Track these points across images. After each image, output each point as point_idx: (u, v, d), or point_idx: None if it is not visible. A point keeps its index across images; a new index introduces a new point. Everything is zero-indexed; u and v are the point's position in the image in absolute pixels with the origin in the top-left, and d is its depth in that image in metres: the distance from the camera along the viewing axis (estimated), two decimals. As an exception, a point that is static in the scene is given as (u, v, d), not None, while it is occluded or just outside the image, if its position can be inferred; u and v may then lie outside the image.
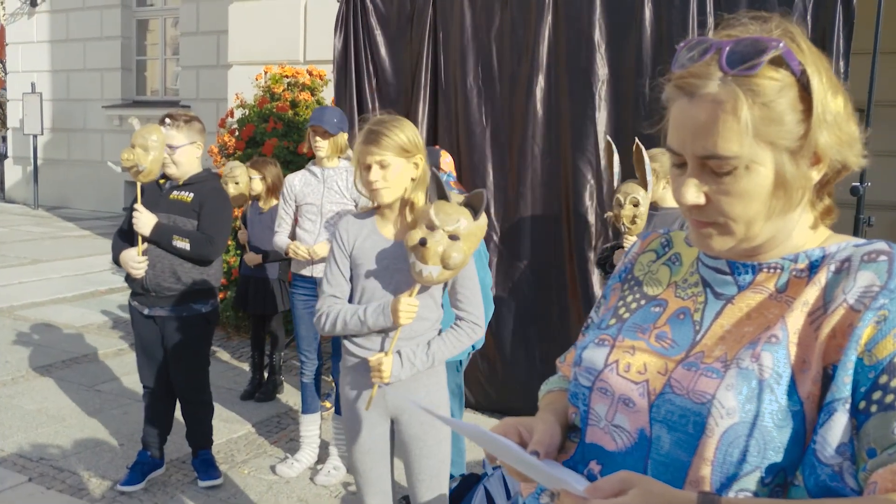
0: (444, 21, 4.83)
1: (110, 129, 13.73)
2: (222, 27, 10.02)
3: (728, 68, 0.97)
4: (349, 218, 2.58)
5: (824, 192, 1.07)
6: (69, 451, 4.14)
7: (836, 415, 0.94)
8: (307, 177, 4.05)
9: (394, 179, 2.42)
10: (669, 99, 1.07)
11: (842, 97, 1.02)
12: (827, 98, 0.99)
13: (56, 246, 10.26)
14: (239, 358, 5.94)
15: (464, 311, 2.50)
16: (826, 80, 0.99)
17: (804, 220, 1.07)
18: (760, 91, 0.97)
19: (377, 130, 2.42)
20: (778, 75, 0.97)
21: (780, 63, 0.97)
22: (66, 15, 14.05)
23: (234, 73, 7.34)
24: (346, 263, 2.51)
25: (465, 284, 2.48)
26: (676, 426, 1.02)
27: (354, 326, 2.43)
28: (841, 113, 1.01)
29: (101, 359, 5.82)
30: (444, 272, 2.28)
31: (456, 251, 2.24)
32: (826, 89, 0.99)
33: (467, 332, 2.50)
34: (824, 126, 0.98)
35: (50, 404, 4.83)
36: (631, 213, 3.37)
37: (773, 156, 0.99)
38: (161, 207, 3.60)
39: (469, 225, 2.28)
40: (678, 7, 4.20)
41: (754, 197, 1.00)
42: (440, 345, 2.48)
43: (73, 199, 14.25)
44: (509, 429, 1.18)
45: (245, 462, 4.13)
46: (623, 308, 1.21)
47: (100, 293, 7.89)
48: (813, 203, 1.07)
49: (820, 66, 1.00)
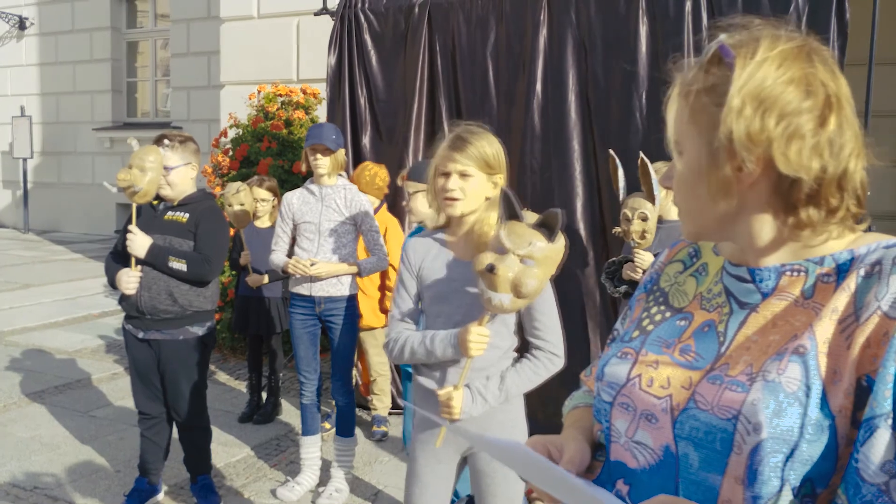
0: (440, 37, 4.83)
1: (101, 152, 13.68)
2: (213, 48, 10.04)
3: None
4: (416, 238, 2.43)
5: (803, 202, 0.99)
6: (64, 480, 4.06)
7: (879, 431, 0.90)
8: (305, 195, 4.01)
9: (471, 193, 2.26)
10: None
11: (795, 90, 0.97)
12: (764, 91, 0.96)
13: (47, 270, 10.17)
14: (236, 380, 5.87)
15: (541, 341, 2.29)
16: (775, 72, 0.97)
17: (764, 229, 1.03)
18: (702, 83, 1.01)
19: (465, 138, 2.28)
20: (717, 70, 1.00)
21: (720, 58, 1.00)
22: (55, 38, 14.04)
23: (226, 92, 7.31)
24: (414, 285, 2.36)
25: (542, 310, 2.27)
26: (703, 443, 0.98)
27: (422, 356, 2.27)
28: (794, 106, 0.96)
29: (95, 384, 5.74)
30: (516, 301, 2.04)
31: (529, 277, 2.00)
32: (763, 77, 0.97)
33: (545, 363, 2.29)
34: (742, 117, 0.96)
35: (44, 431, 4.75)
36: (640, 227, 3.34)
37: (696, 143, 1.02)
38: (156, 229, 3.54)
39: (544, 248, 2.02)
40: (673, 21, 4.20)
41: (681, 180, 1.07)
42: (515, 378, 2.27)
43: (63, 222, 14.17)
44: (538, 447, 1.14)
45: (245, 486, 4.06)
46: (647, 320, 1.17)
47: (92, 317, 7.81)
48: (776, 213, 1.01)
49: (769, 59, 0.97)
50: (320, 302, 3.94)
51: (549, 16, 4.52)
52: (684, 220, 1.10)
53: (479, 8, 4.70)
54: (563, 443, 1.15)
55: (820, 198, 0.98)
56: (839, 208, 0.99)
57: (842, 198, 0.98)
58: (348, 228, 3.95)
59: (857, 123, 1.00)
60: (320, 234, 3.92)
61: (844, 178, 0.98)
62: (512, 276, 1.99)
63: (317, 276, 3.86)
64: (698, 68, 1.02)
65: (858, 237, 1.03)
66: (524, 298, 2.03)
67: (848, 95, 1.00)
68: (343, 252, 3.94)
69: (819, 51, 1.01)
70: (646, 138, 4.24)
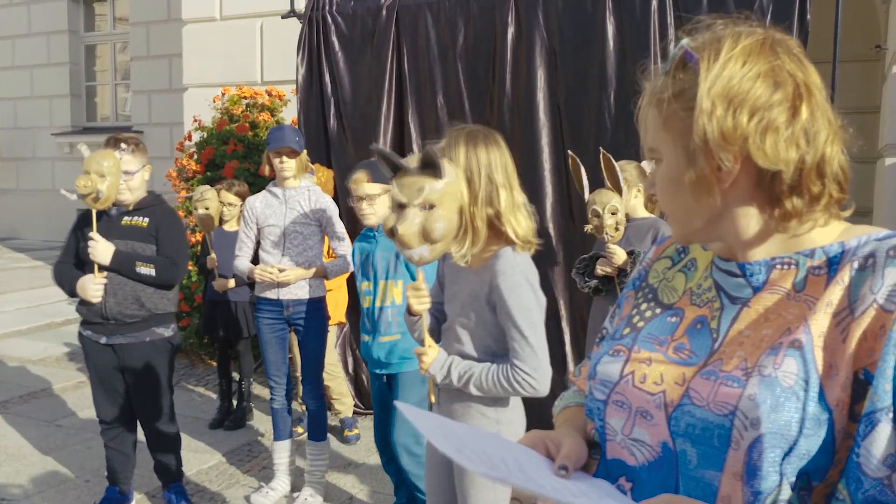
0: (408, 39, 4.82)
1: (60, 157, 13.44)
2: (174, 51, 9.92)
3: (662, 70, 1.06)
4: None
5: (786, 193, 1.00)
6: (31, 491, 3.98)
7: (880, 425, 0.90)
8: (268, 198, 3.95)
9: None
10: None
11: (763, 84, 0.98)
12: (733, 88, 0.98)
13: (7, 278, 9.96)
14: (205, 386, 5.80)
15: (516, 360, 2.13)
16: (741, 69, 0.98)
17: (750, 224, 1.04)
18: (671, 89, 1.02)
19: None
20: (683, 75, 1.02)
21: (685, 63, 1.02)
22: (11, 42, 13.76)
23: (189, 95, 7.23)
24: (437, 288, 2.45)
25: (516, 325, 2.12)
26: (700, 440, 0.98)
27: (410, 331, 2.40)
28: (764, 100, 0.97)
29: (60, 392, 5.63)
30: (434, 248, 2.02)
31: (435, 221, 1.98)
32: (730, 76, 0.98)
33: (518, 381, 2.12)
34: (714, 118, 0.97)
35: (9, 442, 4.65)
36: (612, 221, 3.37)
37: (673, 150, 1.04)
38: (115, 234, 3.48)
39: (438, 187, 1.98)
40: (640, 21, 4.24)
41: (663, 186, 1.08)
42: (481, 372, 2.17)
43: (23, 229, 13.89)
44: (536, 442, 1.13)
45: (218, 493, 4.01)
46: (637, 317, 1.17)
47: (55, 325, 7.66)
48: (761, 206, 1.02)
49: (733, 57, 0.99)
50: (288, 305, 3.89)
51: (517, 16, 4.53)
52: (673, 225, 1.11)
53: (447, 9, 4.70)
54: (560, 438, 1.14)
55: (802, 187, 0.99)
56: (822, 195, 1.00)
57: (823, 184, 0.99)
58: (313, 230, 3.92)
59: (830, 108, 1.01)
60: (285, 236, 3.87)
61: (823, 164, 0.99)
62: (418, 228, 1.99)
63: (285, 282, 3.83)
64: (665, 75, 1.04)
65: (847, 228, 1.04)
66: (440, 242, 2.02)
67: (817, 82, 1.01)
68: (309, 254, 3.90)
69: (782, 42, 1.01)
70: (614, 137, 4.27)
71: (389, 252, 3.34)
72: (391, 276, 3.35)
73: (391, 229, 2.01)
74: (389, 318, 3.34)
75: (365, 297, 3.44)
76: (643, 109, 1.08)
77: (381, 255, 3.38)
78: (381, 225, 3.31)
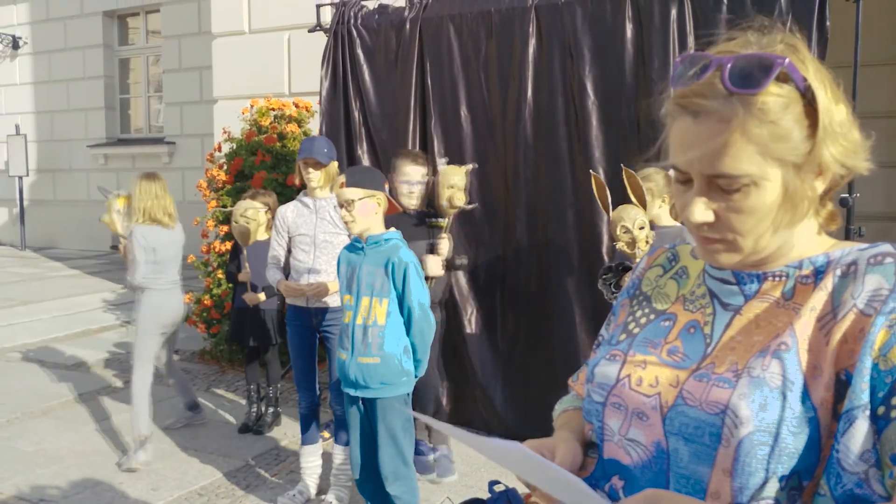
0: (431, 51, 4.90)
1: (95, 169, 13.71)
2: (205, 63, 10.08)
3: (732, 87, 0.97)
4: None
5: (826, 198, 1.08)
6: (69, 492, 4.12)
7: (857, 422, 0.94)
8: (299, 207, 4.07)
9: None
10: (670, 116, 1.05)
11: (843, 105, 1.02)
12: (831, 109, 1.00)
13: (45, 286, 10.20)
14: (234, 391, 5.92)
15: None
16: (829, 90, 1.01)
17: (809, 228, 1.08)
18: (767, 109, 0.97)
19: None
20: (783, 91, 0.98)
21: (784, 79, 0.98)
22: (48, 56, 14.09)
23: (219, 107, 7.38)
24: None
25: None
26: (692, 438, 1.02)
27: None
28: (845, 121, 1.01)
29: (96, 397, 5.79)
30: None
31: None
32: (830, 100, 1.00)
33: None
34: (830, 138, 0.99)
35: (48, 445, 4.80)
36: (643, 235, 3.43)
37: (780, 171, 1.00)
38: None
39: None
40: (659, 28, 4.28)
41: (763, 212, 1.01)
42: None
43: (59, 239, 14.20)
44: (532, 450, 1.19)
45: (246, 496, 4.11)
46: (633, 323, 1.22)
47: (91, 332, 7.84)
48: (817, 210, 1.08)
49: (823, 77, 1.01)
50: (317, 314, 3.99)
51: (538, 27, 4.59)
52: (744, 243, 1.05)
53: (469, 21, 4.78)
54: (554, 444, 1.18)
55: (832, 192, 1.08)
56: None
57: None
58: (343, 239, 3.96)
59: None
60: (316, 245, 3.97)
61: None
62: None
63: (316, 296, 3.91)
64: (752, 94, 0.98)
65: (834, 244, 1.09)
66: None
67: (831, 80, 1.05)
68: None
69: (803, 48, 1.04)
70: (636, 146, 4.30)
71: (377, 267, 3.23)
72: (377, 294, 3.22)
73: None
74: (370, 338, 3.21)
75: (346, 312, 3.32)
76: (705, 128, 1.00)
77: (367, 269, 3.25)
78: (369, 236, 3.27)
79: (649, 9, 4.29)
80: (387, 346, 3.23)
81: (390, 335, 3.23)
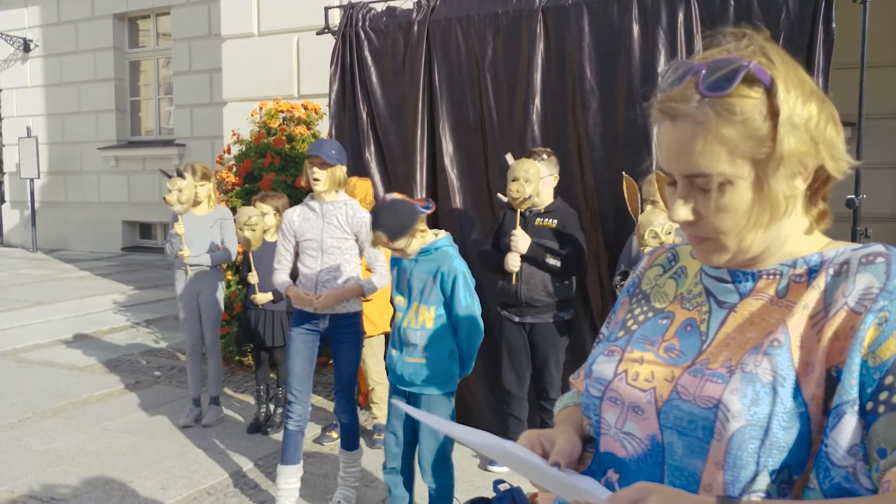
0: (439, 53, 4.92)
1: (106, 171, 13.82)
2: (214, 65, 10.15)
3: (704, 91, 1.03)
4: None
5: (817, 197, 1.11)
6: (80, 491, 4.16)
7: (846, 417, 0.97)
8: (306, 212, 3.95)
9: None
10: (656, 121, 1.11)
11: (815, 103, 1.04)
12: (796, 105, 1.02)
13: (56, 288, 10.28)
14: (244, 392, 5.96)
15: None
16: (796, 87, 1.03)
17: (799, 226, 1.11)
18: (735, 110, 1.02)
19: None
20: (753, 93, 1.02)
21: (752, 80, 1.02)
22: (59, 59, 14.19)
23: (229, 109, 7.43)
24: None
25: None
26: (686, 431, 1.05)
27: None
28: (814, 118, 1.04)
29: (106, 398, 5.83)
30: None
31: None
32: (796, 98, 1.03)
33: None
34: (792, 132, 1.02)
35: (58, 444, 4.85)
36: (670, 240, 3.48)
37: (752, 169, 1.04)
38: (529, 233, 4.22)
39: None
40: (666, 31, 4.29)
41: (741, 210, 1.05)
42: None
43: (71, 241, 14.30)
44: (532, 441, 1.21)
45: (254, 495, 4.14)
46: (631, 321, 1.25)
47: (102, 333, 7.90)
48: (807, 209, 1.11)
49: (789, 74, 1.04)
50: (324, 319, 3.89)
51: (546, 28, 4.61)
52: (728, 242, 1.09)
53: (477, 23, 4.80)
54: (554, 435, 1.22)
55: (825, 191, 1.11)
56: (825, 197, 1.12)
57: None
58: (351, 244, 3.92)
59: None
60: (323, 251, 3.88)
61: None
62: None
63: (323, 307, 3.84)
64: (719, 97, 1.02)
65: (828, 243, 1.12)
66: None
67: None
68: (347, 268, 3.91)
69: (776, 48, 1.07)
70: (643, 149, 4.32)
71: (427, 274, 3.34)
72: (424, 300, 3.35)
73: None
74: (417, 340, 3.35)
75: (397, 312, 3.46)
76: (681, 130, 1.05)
77: (417, 276, 3.37)
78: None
79: (656, 11, 4.31)
80: (433, 349, 3.35)
81: (437, 339, 3.35)
